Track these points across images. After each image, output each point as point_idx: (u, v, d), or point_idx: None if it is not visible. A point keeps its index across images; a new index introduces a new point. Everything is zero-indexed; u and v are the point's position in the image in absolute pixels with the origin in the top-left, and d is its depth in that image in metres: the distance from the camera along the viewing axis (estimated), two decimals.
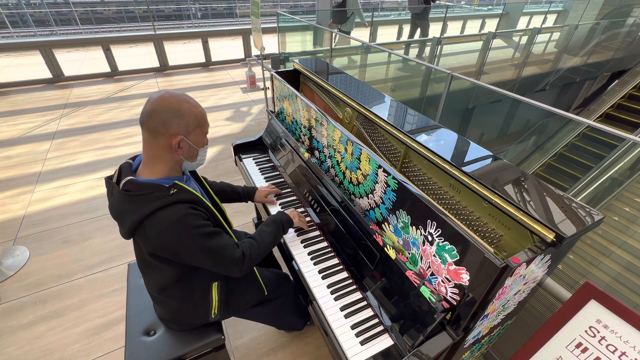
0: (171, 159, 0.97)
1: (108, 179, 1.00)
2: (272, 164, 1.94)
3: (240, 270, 1.06)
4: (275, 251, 1.62)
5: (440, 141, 1.21)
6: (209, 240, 0.97)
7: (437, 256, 0.97)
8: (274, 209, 1.58)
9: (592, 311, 0.89)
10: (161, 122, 0.90)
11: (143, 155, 0.98)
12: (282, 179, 1.81)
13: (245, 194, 1.55)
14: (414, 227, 1.04)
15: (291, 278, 1.43)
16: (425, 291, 0.99)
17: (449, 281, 0.95)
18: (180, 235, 0.92)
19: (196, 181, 1.22)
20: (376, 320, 1.12)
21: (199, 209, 0.98)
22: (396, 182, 1.08)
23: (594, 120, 6.09)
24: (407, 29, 9.13)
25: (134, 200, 0.91)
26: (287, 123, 1.97)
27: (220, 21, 15.46)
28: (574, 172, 5.09)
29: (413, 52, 5.89)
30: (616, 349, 0.84)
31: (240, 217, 2.57)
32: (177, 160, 0.99)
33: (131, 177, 0.94)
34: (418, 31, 6.40)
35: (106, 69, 5.75)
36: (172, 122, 0.91)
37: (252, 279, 1.27)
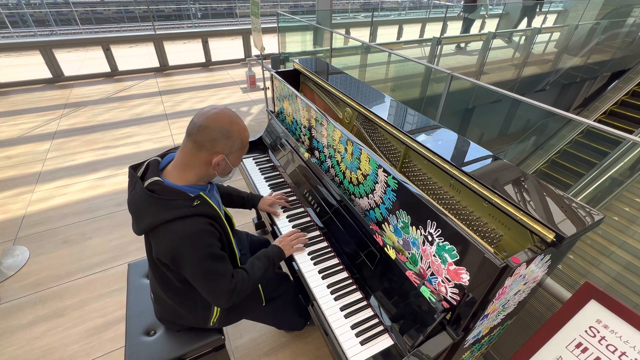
0: (205, 171, 0.98)
1: (132, 171, 0.99)
2: (272, 164, 1.94)
3: (226, 302, 1.03)
4: None
5: (440, 141, 1.21)
6: (212, 263, 0.97)
7: (437, 256, 0.97)
8: (279, 217, 1.56)
9: (592, 311, 0.89)
10: (210, 139, 0.92)
11: (177, 158, 0.98)
12: (282, 179, 1.81)
13: (250, 200, 1.53)
14: (414, 227, 1.04)
15: (291, 278, 1.43)
16: (425, 291, 0.99)
17: (449, 281, 0.95)
18: (190, 248, 0.92)
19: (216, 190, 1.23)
20: (376, 320, 1.12)
21: (215, 227, 0.98)
22: (396, 182, 1.08)
23: (598, 117, 6.08)
24: (407, 28, 9.15)
25: (156, 202, 0.91)
26: (287, 123, 1.97)
27: (220, 21, 15.44)
28: (578, 168, 5.10)
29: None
30: (616, 349, 0.84)
31: (240, 217, 2.57)
32: (210, 174, 1.01)
33: (158, 178, 0.94)
34: (524, 21, 7.73)
35: (106, 69, 5.75)
36: (220, 142, 0.93)
37: (254, 291, 1.27)
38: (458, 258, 0.90)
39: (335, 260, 1.33)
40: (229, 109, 0.97)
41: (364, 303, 1.17)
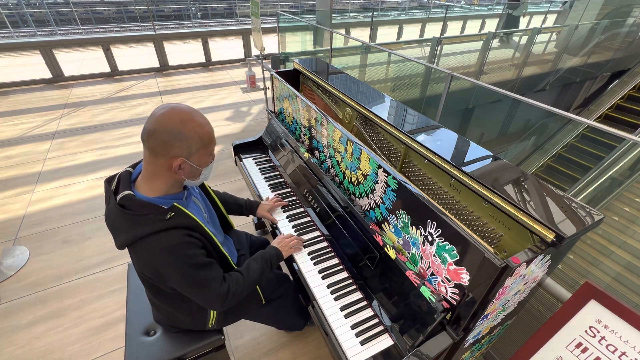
0: (171, 178, 0.93)
1: (107, 184, 0.96)
2: (272, 164, 1.94)
3: (221, 306, 1.01)
4: None
5: (440, 141, 1.21)
6: (197, 272, 0.94)
7: (437, 256, 0.97)
8: (279, 216, 1.56)
9: (592, 311, 0.89)
10: (161, 144, 0.85)
11: (143, 169, 0.94)
12: (282, 179, 1.81)
13: (248, 207, 1.49)
14: (414, 227, 1.04)
15: (291, 278, 1.43)
16: (425, 291, 0.99)
17: (449, 281, 0.95)
18: (170, 262, 0.90)
19: (200, 189, 1.21)
20: (376, 320, 1.12)
21: (194, 235, 0.94)
22: (396, 182, 1.08)
23: (598, 116, 6.09)
24: (407, 28, 9.16)
25: (128, 218, 0.87)
26: (287, 123, 1.97)
27: (220, 21, 15.45)
28: (573, 173, 5.10)
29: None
30: (616, 349, 0.84)
31: (241, 217, 2.57)
32: (179, 180, 0.95)
33: (129, 192, 0.90)
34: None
35: (106, 69, 5.74)
36: (173, 145, 0.86)
37: (252, 291, 1.27)
38: (458, 258, 0.90)
39: (335, 261, 1.33)
40: (181, 106, 0.88)
41: (364, 303, 1.17)
